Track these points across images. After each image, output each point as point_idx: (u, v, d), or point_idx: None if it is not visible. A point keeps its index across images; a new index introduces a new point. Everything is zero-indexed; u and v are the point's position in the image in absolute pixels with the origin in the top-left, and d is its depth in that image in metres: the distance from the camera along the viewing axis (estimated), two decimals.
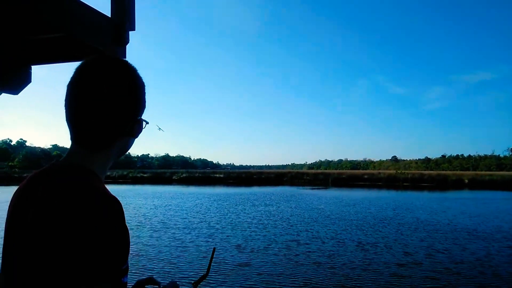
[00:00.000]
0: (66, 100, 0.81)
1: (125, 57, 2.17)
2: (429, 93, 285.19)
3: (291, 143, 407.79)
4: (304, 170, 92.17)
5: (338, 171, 74.00)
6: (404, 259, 7.51)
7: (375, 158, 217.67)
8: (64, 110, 0.81)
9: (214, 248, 1.39)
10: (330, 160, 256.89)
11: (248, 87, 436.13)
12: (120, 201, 0.73)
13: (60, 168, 0.78)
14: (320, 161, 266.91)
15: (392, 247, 8.68)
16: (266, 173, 56.55)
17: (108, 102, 0.79)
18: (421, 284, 5.93)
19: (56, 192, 0.70)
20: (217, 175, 51.40)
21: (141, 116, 0.89)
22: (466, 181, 45.01)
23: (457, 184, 44.52)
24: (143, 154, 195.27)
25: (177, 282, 1.07)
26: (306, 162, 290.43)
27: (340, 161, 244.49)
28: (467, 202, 21.82)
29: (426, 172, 60.97)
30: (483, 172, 67.39)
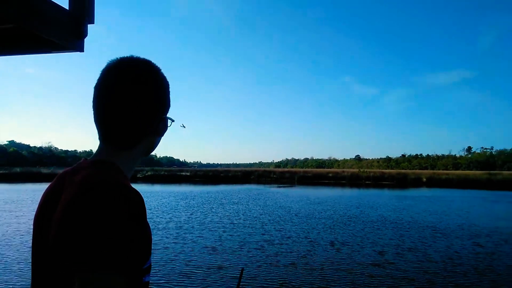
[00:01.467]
0: (93, 101, 0.83)
1: (83, 51, 2.10)
2: (391, 94, 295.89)
3: (259, 142, 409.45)
4: (271, 168, 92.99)
5: (304, 169, 75.28)
6: (376, 258, 7.62)
7: (340, 157, 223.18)
8: (92, 111, 0.84)
9: (243, 269, 1.37)
10: (297, 158, 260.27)
11: (215, 85, 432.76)
12: (143, 197, 0.73)
13: (87, 164, 0.80)
14: (287, 159, 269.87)
15: (363, 245, 8.83)
16: (234, 171, 56.46)
17: (134, 102, 0.82)
18: (396, 283, 6.03)
19: (78, 185, 0.71)
20: (184, 173, 50.75)
21: (166, 114, 0.91)
22: (424, 179, 47.23)
23: (416, 182, 46.62)
24: None
25: None
26: (273, 160, 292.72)
27: (306, 159, 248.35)
28: (426, 200, 22.88)
29: (387, 171, 63.32)
30: (440, 171, 70.87)
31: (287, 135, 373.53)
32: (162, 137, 0.94)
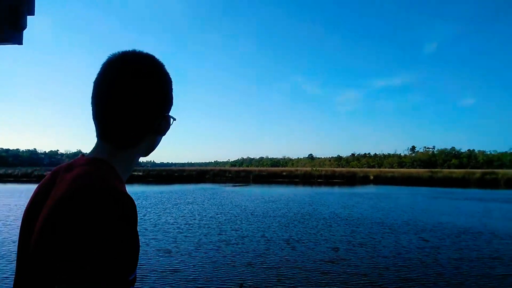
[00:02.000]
0: (92, 97, 0.78)
1: (21, 44, 1.94)
2: (342, 95, 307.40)
3: (215, 141, 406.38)
4: (227, 167, 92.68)
5: (259, 168, 75.89)
6: (329, 255, 7.80)
7: (294, 156, 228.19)
8: (91, 107, 0.78)
9: (241, 284, 1.28)
10: (252, 157, 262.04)
11: None
12: (135, 203, 0.67)
13: (82, 162, 0.74)
14: (243, 158, 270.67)
15: (317, 242, 9.01)
16: (188, 170, 55.54)
17: (136, 98, 0.76)
18: (349, 278, 6.19)
19: (67, 185, 0.66)
20: (136, 173, 49.00)
21: (169, 112, 0.86)
22: (372, 177, 49.63)
23: (364, 180, 48.88)
24: (51, 151, 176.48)
25: None
26: (229, 159, 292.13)
27: (261, 158, 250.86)
28: (373, 197, 24.02)
29: (338, 169, 65.73)
30: (386, 169, 74.96)
31: (243, 134, 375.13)
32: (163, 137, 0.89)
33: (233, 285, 5.83)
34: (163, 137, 0.89)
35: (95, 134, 0.80)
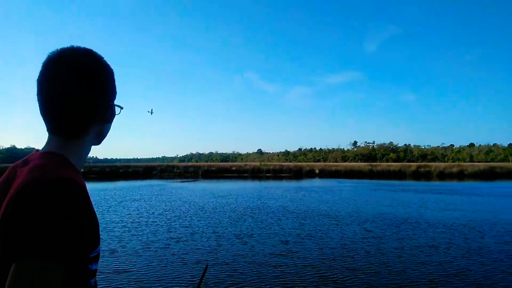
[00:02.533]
0: (38, 94, 0.83)
1: None
2: (291, 92, 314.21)
3: (163, 136, 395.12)
4: (175, 163, 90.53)
5: (208, 163, 75.28)
6: (280, 248, 7.91)
7: (243, 151, 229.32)
8: (38, 105, 0.84)
9: (207, 265, 1.44)
10: (201, 153, 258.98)
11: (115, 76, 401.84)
12: (85, 186, 0.76)
13: (36, 156, 0.81)
14: (192, 154, 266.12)
15: (267, 236, 9.11)
16: (134, 166, 53.53)
17: (78, 91, 0.82)
18: (300, 271, 6.33)
19: (22, 178, 0.72)
20: None
21: (113, 101, 0.93)
22: (317, 171, 51.60)
23: (310, 174, 50.65)
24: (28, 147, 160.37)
25: None
26: (178, 155, 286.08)
27: (211, 153, 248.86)
28: (318, 190, 24.94)
29: (286, 163, 67.26)
30: (330, 163, 78.14)
31: (192, 129, 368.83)
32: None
33: (184, 283, 5.72)
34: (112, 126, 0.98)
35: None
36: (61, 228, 0.66)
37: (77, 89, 0.82)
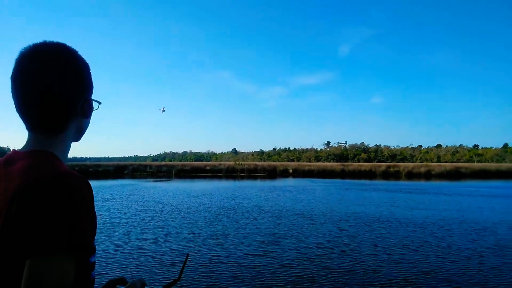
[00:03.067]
0: (12, 92, 0.83)
1: None
2: (266, 91, 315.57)
3: (135, 134, 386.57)
4: (147, 162, 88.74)
5: (182, 163, 74.30)
6: (257, 248, 7.88)
7: (218, 150, 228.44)
8: (14, 102, 0.83)
9: (188, 254, 1.44)
10: (175, 152, 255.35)
11: None
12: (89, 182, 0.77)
13: (22, 156, 0.80)
14: (165, 153, 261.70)
15: (244, 236, 9.05)
16: (105, 165, 52.04)
17: (53, 85, 0.81)
18: (276, 271, 6.32)
19: (23, 176, 0.72)
20: None
21: (89, 96, 0.93)
22: (291, 170, 52.12)
23: (284, 173, 51.08)
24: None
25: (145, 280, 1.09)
26: (150, 154, 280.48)
27: (184, 153, 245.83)
28: (292, 189, 25.17)
29: (260, 163, 67.48)
30: (304, 163, 79.17)
31: (165, 128, 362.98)
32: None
33: (159, 285, 5.57)
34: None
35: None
36: (74, 221, 0.69)
37: (52, 83, 0.81)
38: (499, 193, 22.58)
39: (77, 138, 0.95)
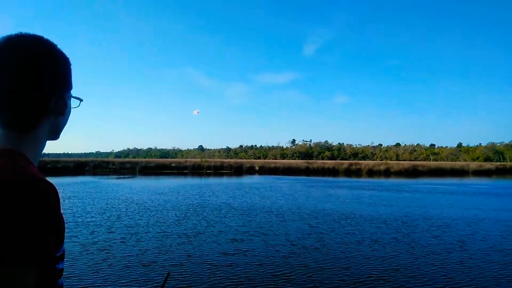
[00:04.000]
0: None
1: None
2: (233, 88, 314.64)
3: (96, 129, 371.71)
4: (110, 158, 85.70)
5: (146, 159, 72.61)
6: (229, 246, 7.81)
7: (184, 147, 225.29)
8: None
9: (168, 273, 1.34)
10: (139, 148, 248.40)
11: None
12: (55, 187, 0.73)
13: None
14: (129, 149, 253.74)
15: (216, 235, 8.92)
16: (64, 161, 49.73)
17: (24, 81, 0.78)
18: (249, 269, 6.29)
19: None
20: None
21: (66, 92, 0.88)
22: (257, 168, 52.42)
23: (250, 170, 51.30)
24: None
25: None
26: (113, 150, 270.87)
27: (149, 149, 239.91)
28: (259, 186, 25.33)
29: (226, 160, 67.40)
30: (270, 160, 79.88)
31: (129, 123, 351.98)
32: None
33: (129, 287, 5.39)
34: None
35: None
36: (38, 231, 0.66)
37: (23, 77, 0.77)
38: (455, 190, 23.92)
39: (53, 137, 0.90)
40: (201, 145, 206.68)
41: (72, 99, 0.93)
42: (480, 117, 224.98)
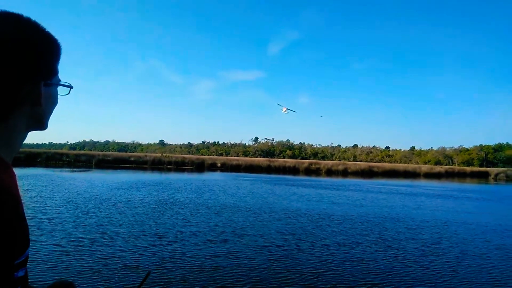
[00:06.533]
0: None
1: None
2: (198, 84, 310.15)
3: (50, 119, 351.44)
4: (64, 150, 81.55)
5: (103, 152, 69.95)
6: (209, 249, 7.63)
7: (144, 141, 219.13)
8: None
9: (149, 271, 1.27)
10: (96, 141, 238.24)
11: None
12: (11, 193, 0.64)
13: None
14: (85, 141, 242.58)
15: (190, 236, 8.68)
16: None
17: None
18: (226, 273, 6.27)
19: None
20: None
21: (46, 79, 0.76)
22: (219, 164, 52.31)
23: (212, 167, 51.08)
24: None
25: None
26: (68, 141, 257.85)
27: (107, 142, 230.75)
28: (222, 182, 25.43)
29: (188, 156, 66.57)
30: (232, 158, 79.83)
31: (86, 115, 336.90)
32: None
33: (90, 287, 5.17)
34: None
35: None
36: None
37: None
38: (416, 192, 25.26)
39: (38, 127, 0.81)
40: (162, 140, 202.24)
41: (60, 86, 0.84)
42: (432, 123, 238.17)
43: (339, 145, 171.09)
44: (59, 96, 0.85)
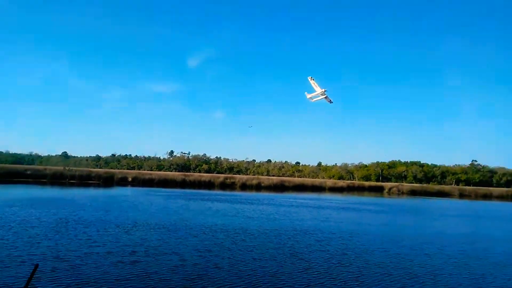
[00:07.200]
0: None
1: None
2: (108, 92, 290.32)
3: None
4: None
5: None
6: (110, 267, 7.19)
7: (44, 152, 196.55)
8: None
9: (37, 265, 1.32)
10: None
11: None
12: None
13: None
14: None
15: (85, 254, 8.08)
16: None
17: None
18: (153, 280, 5.87)
19: None
20: None
21: None
22: (130, 178, 49.57)
23: (122, 182, 48.08)
24: None
25: None
26: None
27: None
28: (131, 199, 24.04)
29: (95, 170, 61.94)
30: (145, 171, 76.51)
31: None
32: None
33: None
34: None
35: None
36: None
37: None
38: (319, 204, 26.95)
39: None
40: (66, 152, 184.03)
41: None
42: (336, 140, 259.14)
43: (254, 160, 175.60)
44: None
